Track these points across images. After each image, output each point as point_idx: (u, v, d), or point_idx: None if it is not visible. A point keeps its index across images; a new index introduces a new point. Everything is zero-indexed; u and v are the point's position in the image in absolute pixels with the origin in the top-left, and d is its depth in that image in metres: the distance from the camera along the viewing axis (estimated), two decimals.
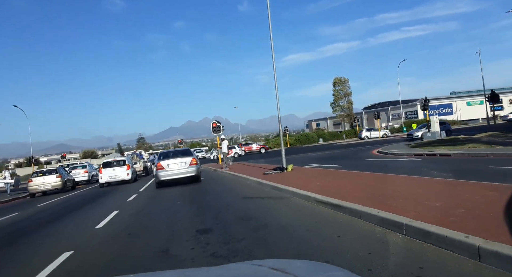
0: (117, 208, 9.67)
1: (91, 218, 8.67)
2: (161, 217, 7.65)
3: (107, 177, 20.67)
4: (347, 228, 5.00)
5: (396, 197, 6.03)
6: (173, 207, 8.91)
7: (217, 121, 31.62)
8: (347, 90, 62.27)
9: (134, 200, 11.69)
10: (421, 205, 5.25)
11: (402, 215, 4.63)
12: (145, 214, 8.31)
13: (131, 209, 9.44)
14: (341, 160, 20.58)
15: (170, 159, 14.99)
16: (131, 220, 7.68)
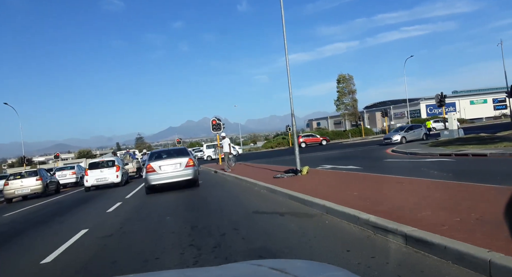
0: (89, 225, 7.39)
1: (44, 243, 6.34)
2: (140, 245, 5.35)
3: (93, 180, 18.36)
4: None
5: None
6: (161, 225, 6.61)
7: (217, 119, 29.32)
8: (352, 88, 59.93)
9: (115, 211, 9.39)
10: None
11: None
12: (119, 238, 5.98)
13: (105, 227, 7.13)
14: (356, 160, 18.38)
15: (163, 159, 12.70)
16: (97, 249, 5.37)
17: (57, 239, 6.22)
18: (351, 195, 6.68)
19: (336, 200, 6.14)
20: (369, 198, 6.17)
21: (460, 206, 4.86)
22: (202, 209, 7.85)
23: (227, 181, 14.37)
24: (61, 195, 19.18)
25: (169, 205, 9.30)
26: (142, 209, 9.24)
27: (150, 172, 12.43)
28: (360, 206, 5.45)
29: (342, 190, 7.56)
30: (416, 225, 4.00)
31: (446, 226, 3.90)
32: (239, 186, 11.91)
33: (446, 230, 3.74)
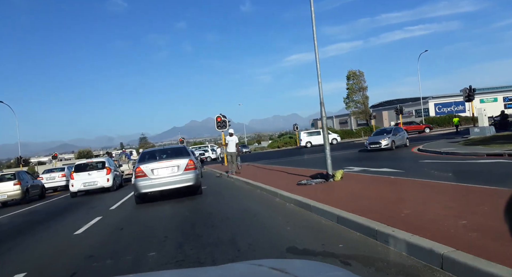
0: (30, 266, 4.83)
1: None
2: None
3: (80, 184, 15.85)
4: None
5: None
6: (138, 269, 4.04)
7: (222, 115, 26.76)
8: (363, 85, 57.21)
9: (84, 234, 6.80)
10: None
11: None
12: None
13: (50, 270, 4.55)
14: (385, 161, 15.82)
15: (156, 161, 10.14)
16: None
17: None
18: (443, 217, 4.07)
19: (434, 231, 3.54)
20: (482, 226, 3.54)
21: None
22: (207, 237, 5.23)
23: (236, 187, 11.75)
24: (44, 201, 16.70)
25: (160, 225, 6.69)
26: (123, 231, 6.65)
27: (140, 176, 9.88)
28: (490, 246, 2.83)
29: (416, 208, 4.95)
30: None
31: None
32: (253, 195, 9.29)
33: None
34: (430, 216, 4.41)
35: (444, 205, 5.07)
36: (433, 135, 36.78)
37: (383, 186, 7.75)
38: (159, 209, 8.73)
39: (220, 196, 9.90)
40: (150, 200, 10.34)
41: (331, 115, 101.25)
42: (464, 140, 21.66)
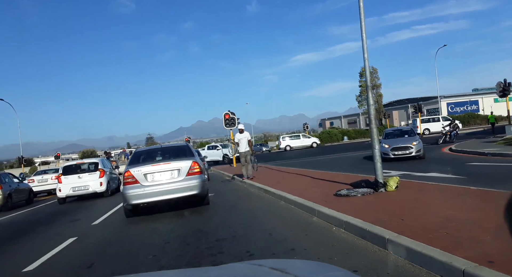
0: None
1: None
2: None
3: (68, 189, 13.73)
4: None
5: None
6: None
7: (231, 112, 24.54)
8: (376, 82, 54.67)
9: (38, 269, 4.62)
10: None
11: None
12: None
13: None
14: (423, 164, 13.59)
15: (151, 163, 7.92)
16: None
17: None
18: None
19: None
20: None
21: None
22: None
23: (252, 196, 9.44)
24: (30, 207, 14.63)
25: (147, 262, 4.46)
26: (90, 271, 4.42)
27: (129, 183, 7.67)
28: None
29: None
30: None
31: None
32: (277, 210, 6.95)
33: None
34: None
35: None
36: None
37: (467, 202, 5.43)
38: (151, 229, 6.50)
39: (233, 210, 7.63)
40: (143, 211, 8.15)
41: (339, 115, 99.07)
42: (503, 140, 19.23)
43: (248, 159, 12.25)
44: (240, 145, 12.22)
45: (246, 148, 12.22)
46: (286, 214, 6.37)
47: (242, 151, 12.18)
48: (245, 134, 12.40)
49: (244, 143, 12.19)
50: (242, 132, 12.41)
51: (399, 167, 12.57)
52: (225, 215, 7.00)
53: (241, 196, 9.66)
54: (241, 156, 12.24)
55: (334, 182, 9.05)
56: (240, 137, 12.25)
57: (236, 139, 12.35)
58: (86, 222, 8.24)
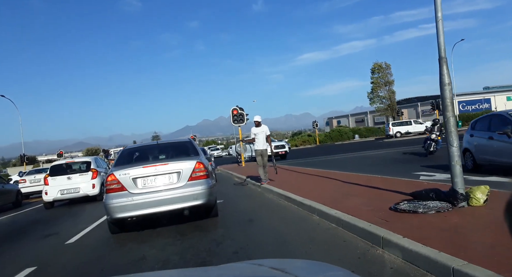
0: None
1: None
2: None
3: (56, 191, 11.99)
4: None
5: None
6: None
7: (239, 108, 22.69)
8: (389, 78, 52.33)
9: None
10: None
11: None
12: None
13: None
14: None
15: (143, 164, 6.08)
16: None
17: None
18: None
19: None
20: None
21: None
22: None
23: (272, 206, 7.47)
24: (16, 211, 12.94)
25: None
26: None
27: (114, 190, 5.84)
28: None
29: None
30: None
31: None
32: (316, 232, 4.90)
33: None
34: None
35: None
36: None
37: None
38: (137, 257, 4.63)
39: (251, 228, 5.70)
40: (132, 226, 6.33)
41: (346, 114, 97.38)
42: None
43: (265, 160, 10.07)
44: (257, 140, 9.99)
45: (264, 145, 9.99)
46: (331, 239, 4.44)
47: (259, 148, 9.93)
48: (263, 128, 10.08)
49: (262, 138, 9.96)
50: (259, 126, 10.09)
51: (443, 167, 10.61)
52: (241, 236, 5.11)
53: (258, 205, 7.75)
54: (258, 154, 10.02)
55: (372, 187, 7.15)
56: (257, 131, 10.01)
57: (251, 134, 10.09)
58: (60, 239, 6.43)
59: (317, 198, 6.51)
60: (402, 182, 7.81)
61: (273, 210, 6.87)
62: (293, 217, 6.01)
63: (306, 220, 5.60)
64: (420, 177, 9.17)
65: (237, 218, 6.47)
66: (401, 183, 7.60)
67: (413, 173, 10.20)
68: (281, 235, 4.94)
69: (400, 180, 8.15)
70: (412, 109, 70.37)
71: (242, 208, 7.52)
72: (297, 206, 6.72)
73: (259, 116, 10.27)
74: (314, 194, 7.18)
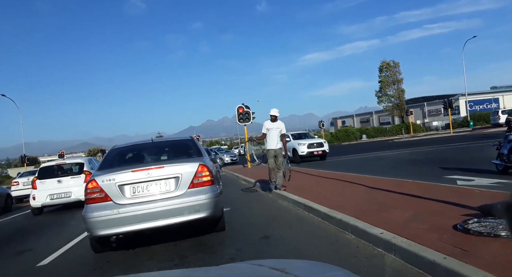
0: None
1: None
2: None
3: (45, 196, 10.83)
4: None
5: None
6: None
7: (245, 106, 21.50)
8: (398, 77, 50.98)
9: None
10: None
11: None
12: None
13: None
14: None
15: (131, 167, 4.88)
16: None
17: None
18: None
19: None
20: None
21: None
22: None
23: (290, 217, 6.16)
24: (4, 217, 11.86)
25: None
26: None
27: (96, 201, 4.65)
28: None
29: None
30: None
31: None
32: (356, 258, 3.65)
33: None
34: None
35: None
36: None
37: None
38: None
39: (268, 248, 4.46)
40: (120, 243, 5.14)
41: (351, 114, 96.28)
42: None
43: (280, 161, 8.25)
44: (268, 138, 8.24)
45: (278, 144, 8.24)
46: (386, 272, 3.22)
47: (271, 147, 8.18)
48: (278, 124, 8.29)
49: (275, 136, 8.20)
50: (274, 121, 8.30)
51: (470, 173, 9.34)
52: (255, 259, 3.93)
53: (272, 215, 6.52)
54: (270, 155, 8.18)
55: (410, 195, 5.90)
56: (270, 126, 8.25)
57: (263, 129, 8.33)
58: (32, 259, 5.23)
59: (347, 209, 5.28)
60: (443, 189, 6.57)
61: (292, 224, 5.64)
62: (320, 234, 4.77)
63: (339, 241, 4.36)
64: (457, 182, 7.91)
65: (248, 234, 5.25)
66: (443, 190, 6.36)
67: (445, 177, 8.95)
68: (308, 254, 3.70)
69: (439, 186, 6.90)
70: (418, 109, 69.11)
71: (253, 219, 6.28)
72: (321, 219, 5.48)
73: (277, 109, 8.33)
74: (341, 202, 5.95)
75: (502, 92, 68.05)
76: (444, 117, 60.98)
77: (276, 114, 8.30)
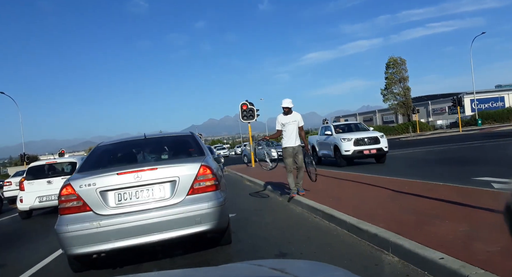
0: None
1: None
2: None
3: (33, 198, 9.97)
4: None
5: None
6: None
7: (249, 103, 20.58)
8: (404, 74, 49.90)
9: None
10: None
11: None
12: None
13: None
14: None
15: (117, 169, 3.96)
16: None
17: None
18: None
19: None
20: None
21: None
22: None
23: (314, 232, 5.06)
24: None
25: None
26: None
27: (71, 211, 3.74)
28: None
29: None
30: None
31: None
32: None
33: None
34: None
35: None
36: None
37: None
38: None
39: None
40: (104, 262, 4.24)
41: (353, 113, 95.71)
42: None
43: (300, 159, 6.83)
44: (285, 134, 6.87)
45: (297, 140, 6.86)
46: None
47: (289, 145, 6.78)
48: (294, 117, 6.90)
49: (293, 131, 6.83)
50: (289, 113, 6.91)
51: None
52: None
53: (286, 224, 5.57)
54: (287, 154, 6.80)
55: (451, 202, 4.97)
56: (286, 121, 6.88)
57: (278, 125, 7.00)
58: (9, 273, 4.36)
59: (378, 220, 4.35)
60: (484, 194, 5.62)
61: (311, 237, 4.70)
62: (350, 253, 3.83)
63: (379, 264, 3.40)
64: (494, 186, 6.97)
65: (260, 250, 4.32)
66: (485, 196, 5.42)
67: (476, 179, 8.01)
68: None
69: (477, 190, 5.96)
70: (422, 108, 68.26)
71: (264, 230, 5.34)
72: (347, 231, 4.55)
73: (289, 99, 6.93)
74: (367, 210, 5.01)
75: (507, 90, 67.12)
76: (449, 116, 60.03)
77: (290, 105, 6.89)
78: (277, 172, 9.92)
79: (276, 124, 7.04)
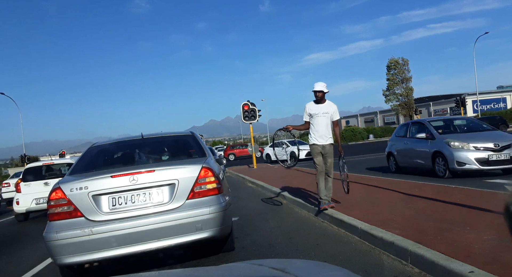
0: None
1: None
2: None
3: (30, 201, 9.67)
4: None
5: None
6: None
7: (251, 103, 20.29)
8: (406, 75, 49.52)
9: None
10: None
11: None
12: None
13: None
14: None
15: (111, 171, 3.66)
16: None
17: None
18: None
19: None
20: None
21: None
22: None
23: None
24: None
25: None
26: None
27: (61, 217, 3.45)
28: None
29: None
30: None
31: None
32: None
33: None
34: None
35: None
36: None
37: None
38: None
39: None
40: (97, 270, 3.94)
41: (355, 114, 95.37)
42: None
43: (330, 163, 5.43)
44: (313, 128, 5.40)
45: (329, 137, 5.41)
46: None
47: (319, 142, 5.35)
48: (327, 107, 5.41)
49: (324, 124, 5.37)
50: (321, 102, 5.44)
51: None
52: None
53: (292, 229, 5.23)
54: (316, 153, 5.39)
55: (468, 207, 4.67)
56: (317, 111, 5.38)
57: (305, 116, 5.51)
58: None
59: (394, 226, 4.03)
60: (501, 197, 5.31)
61: (320, 244, 4.37)
62: (366, 264, 3.47)
63: (398, 275, 3.11)
64: (509, 188, 6.66)
65: (266, 257, 4.02)
66: (502, 199, 5.10)
67: (487, 181, 7.72)
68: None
69: (494, 194, 5.65)
70: (424, 109, 68.01)
71: (269, 236, 4.99)
72: (359, 238, 4.23)
73: (323, 83, 5.42)
74: (380, 215, 4.69)
75: (509, 91, 66.88)
76: (451, 117, 59.76)
77: (324, 90, 5.36)
78: (281, 173, 9.56)
79: (304, 114, 5.56)
